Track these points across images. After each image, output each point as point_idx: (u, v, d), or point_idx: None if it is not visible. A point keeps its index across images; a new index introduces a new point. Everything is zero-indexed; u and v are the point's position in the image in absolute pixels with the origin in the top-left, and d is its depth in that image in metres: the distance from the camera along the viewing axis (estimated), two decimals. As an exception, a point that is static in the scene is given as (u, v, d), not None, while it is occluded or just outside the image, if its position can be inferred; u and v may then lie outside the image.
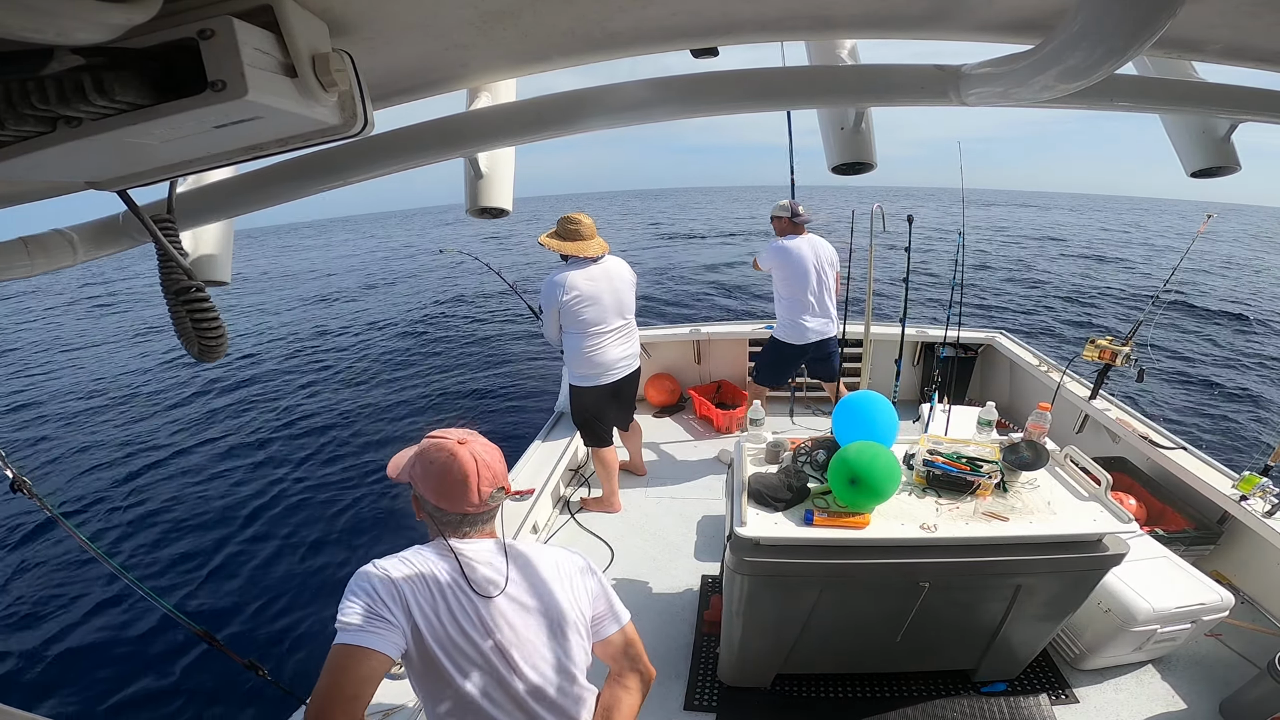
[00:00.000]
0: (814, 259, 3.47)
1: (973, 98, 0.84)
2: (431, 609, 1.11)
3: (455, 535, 1.20)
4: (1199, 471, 2.75)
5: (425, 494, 1.18)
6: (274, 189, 1.05)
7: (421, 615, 1.09)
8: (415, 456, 1.20)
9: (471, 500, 1.17)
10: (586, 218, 2.94)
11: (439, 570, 1.14)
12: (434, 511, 1.19)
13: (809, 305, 3.50)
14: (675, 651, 2.40)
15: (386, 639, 1.03)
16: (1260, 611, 2.47)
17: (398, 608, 1.07)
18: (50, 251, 1.00)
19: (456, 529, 1.20)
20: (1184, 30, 0.85)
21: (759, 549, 1.73)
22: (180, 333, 0.76)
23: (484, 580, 1.17)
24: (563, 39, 0.81)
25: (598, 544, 3.09)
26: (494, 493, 1.19)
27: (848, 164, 1.18)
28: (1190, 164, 1.25)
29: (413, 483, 1.21)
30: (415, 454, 1.21)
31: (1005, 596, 1.84)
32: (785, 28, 0.87)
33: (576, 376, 3.11)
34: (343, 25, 0.64)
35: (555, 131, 0.99)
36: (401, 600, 1.08)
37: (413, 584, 1.11)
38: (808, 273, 3.45)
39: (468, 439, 1.20)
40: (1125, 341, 3.21)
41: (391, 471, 1.25)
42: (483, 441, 1.23)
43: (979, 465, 1.84)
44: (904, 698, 2.17)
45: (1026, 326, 10.36)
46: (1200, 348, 9.33)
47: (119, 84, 0.48)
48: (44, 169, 0.57)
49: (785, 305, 3.58)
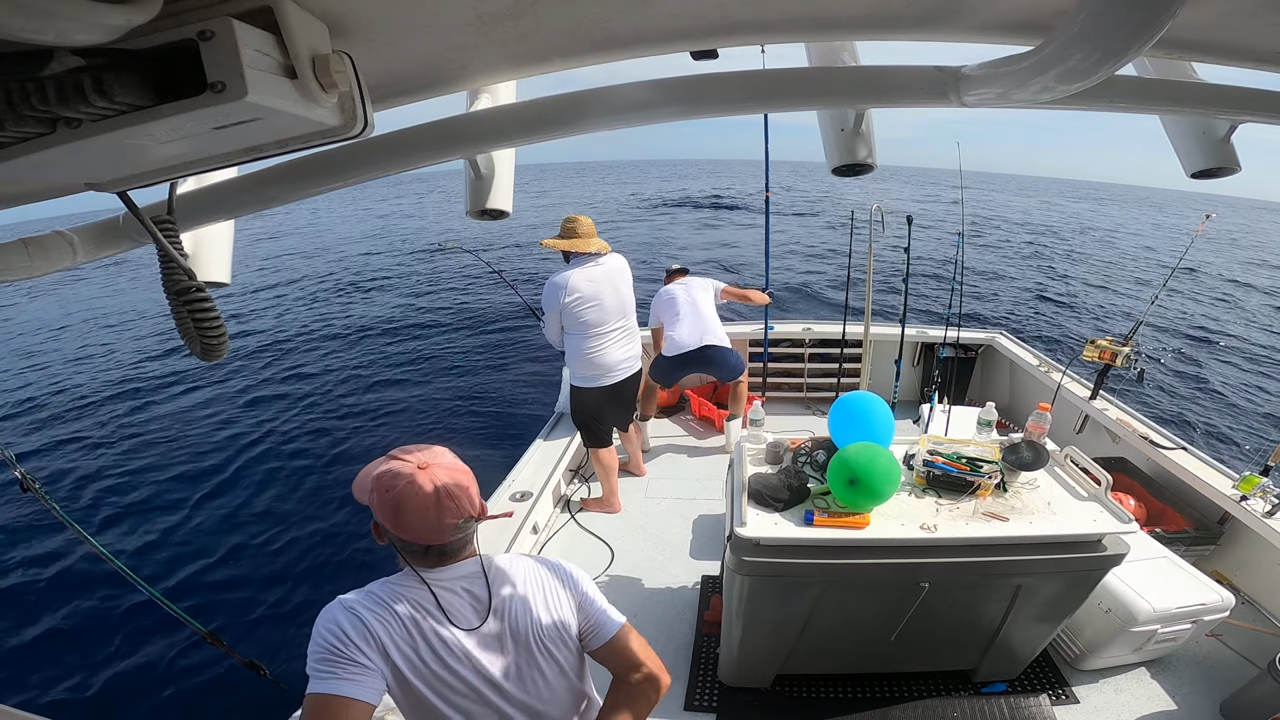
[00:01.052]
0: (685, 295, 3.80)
1: (972, 99, 0.84)
2: (410, 647, 1.04)
3: (423, 565, 1.11)
4: (1199, 472, 2.75)
5: (383, 521, 1.07)
6: (274, 190, 1.05)
7: (400, 655, 1.03)
8: (373, 481, 1.07)
9: (432, 533, 1.06)
10: (585, 218, 3.00)
11: (411, 604, 1.07)
12: (395, 540, 1.09)
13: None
14: (675, 652, 2.40)
15: (364, 685, 0.98)
16: (1260, 612, 2.47)
17: (373, 650, 1.01)
18: (50, 252, 1.00)
19: (423, 559, 1.11)
20: (1184, 31, 0.85)
21: (759, 549, 1.73)
22: (183, 332, 0.76)
23: (462, 610, 1.10)
24: (563, 40, 0.81)
25: (598, 544, 3.09)
26: (459, 524, 1.08)
27: (848, 165, 1.18)
28: (1190, 165, 1.25)
29: (371, 507, 1.09)
30: (374, 477, 1.08)
31: (1005, 597, 1.84)
32: (785, 29, 0.87)
33: (578, 377, 3.12)
34: (343, 26, 0.64)
35: (555, 132, 0.98)
36: (376, 642, 1.02)
37: (386, 624, 1.03)
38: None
39: (429, 462, 1.07)
40: (1125, 342, 3.22)
41: (356, 491, 1.12)
42: (448, 463, 1.10)
43: (979, 465, 1.84)
44: (904, 698, 2.17)
45: (1026, 327, 10.37)
46: (1200, 347, 9.33)
47: (119, 85, 0.48)
48: (44, 170, 0.57)
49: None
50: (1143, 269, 16.34)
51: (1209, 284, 14.09)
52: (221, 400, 8.55)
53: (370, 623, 1.03)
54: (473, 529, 1.14)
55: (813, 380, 4.61)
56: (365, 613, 1.04)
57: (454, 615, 1.09)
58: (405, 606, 1.06)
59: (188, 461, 6.55)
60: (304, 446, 6.68)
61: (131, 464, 6.56)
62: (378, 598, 1.07)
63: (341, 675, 0.97)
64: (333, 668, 0.98)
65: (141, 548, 4.93)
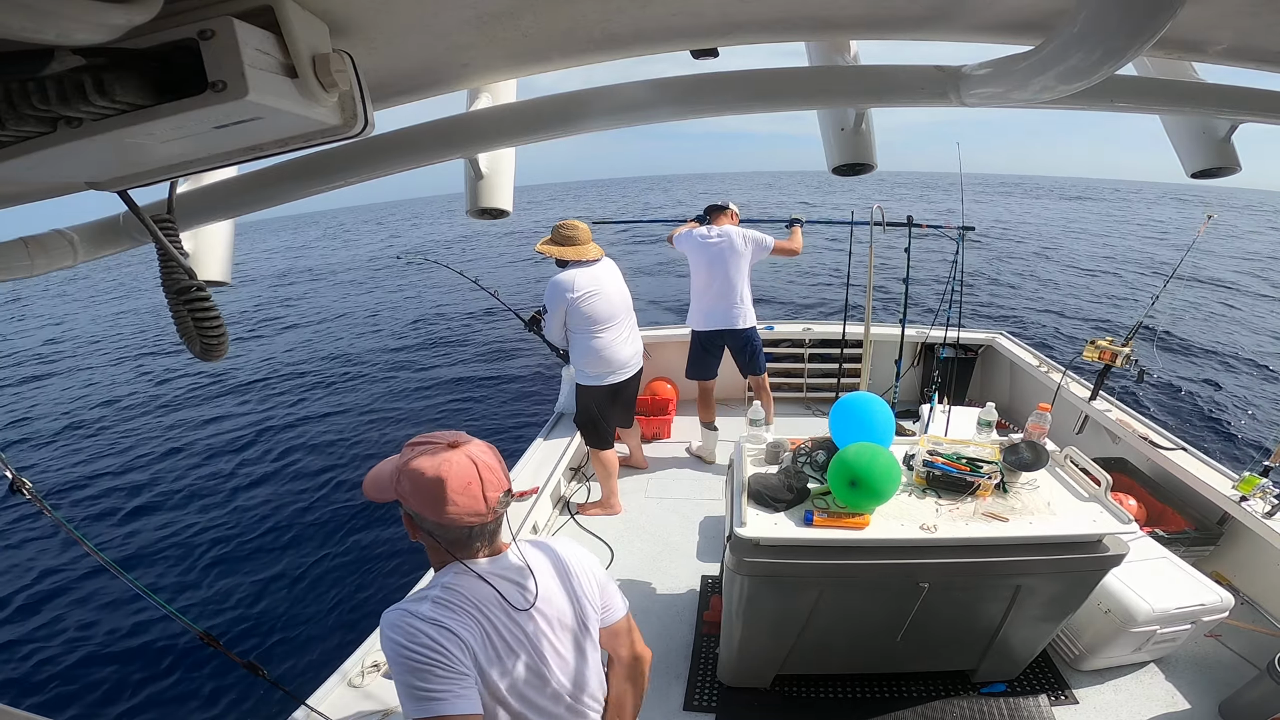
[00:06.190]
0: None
1: (973, 98, 0.84)
2: (491, 647, 1.03)
3: (467, 554, 1.07)
4: (1199, 472, 2.75)
5: (421, 510, 1.02)
6: (274, 189, 1.05)
7: (485, 657, 1.02)
8: (400, 469, 1.03)
9: (478, 510, 1.03)
10: (582, 224, 2.98)
11: (477, 599, 1.04)
12: (435, 529, 1.04)
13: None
14: (675, 652, 2.40)
15: (473, 698, 0.96)
16: (1260, 612, 2.47)
17: (469, 659, 0.99)
18: (50, 251, 1.00)
19: (466, 547, 1.07)
20: (1184, 31, 0.85)
21: (759, 549, 1.73)
22: (182, 332, 0.76)
23: (517, 601, 1.08)
24: (563, 39, 0.81)
25: (598, 544, 3.09)
26: (500, 497, 1.06)
27: (848, 165, 1.17)
28: (1190, 165, 1.25)
29: (403, 500, 1.04)
30: (399, 466, 1.04)
31: (1005, 597, 1.84)
32: (785, 28, 0.87)
33: (585, 375, 3.10)
34: (343, 25, 0.64)
35: (555, 132, 0.98)
36: (469, 650, 0.99)
37: (469, 629, 1.01)
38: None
39: (460, 440, 1.06)
40: (1125, 342, 3.22)
41: (371, 491, 1.08)
42: (477, 441, 1.09)
43: (979, 466, 1.84)
44: (903, 698, 2.17)
45: (1026, 327, 10.37)
46: (1201, 348, 9.33)
47: (119, 84, 0.48)
48: (44, 169, 0.57)
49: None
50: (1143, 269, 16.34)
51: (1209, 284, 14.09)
52: (221, 401, 8.55)
53: (459, 632, 1.00)
54: (508, 506, 1.11)
55: (813, 380, 4.61)
56: (450, 621, 0.99)
57: (514, 602, 1.07)
58: (473, 606, 1.04)
59: (185, 462, 6.55)
60: (303, 447, 6.68)
61: (126, 465, 6.56)
62: (449, 603, 1.02)
63: (457, 693, 0.95)
64: (444, 684, 0.95)
65: (140, 547, 4.93)
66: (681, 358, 4.07)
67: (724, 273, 3.44)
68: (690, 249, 3.52)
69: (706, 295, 3.51)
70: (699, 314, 3.58)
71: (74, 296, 22.74)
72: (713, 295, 3.49)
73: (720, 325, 3.53)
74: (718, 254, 3.43)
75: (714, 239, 3.43)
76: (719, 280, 3.46)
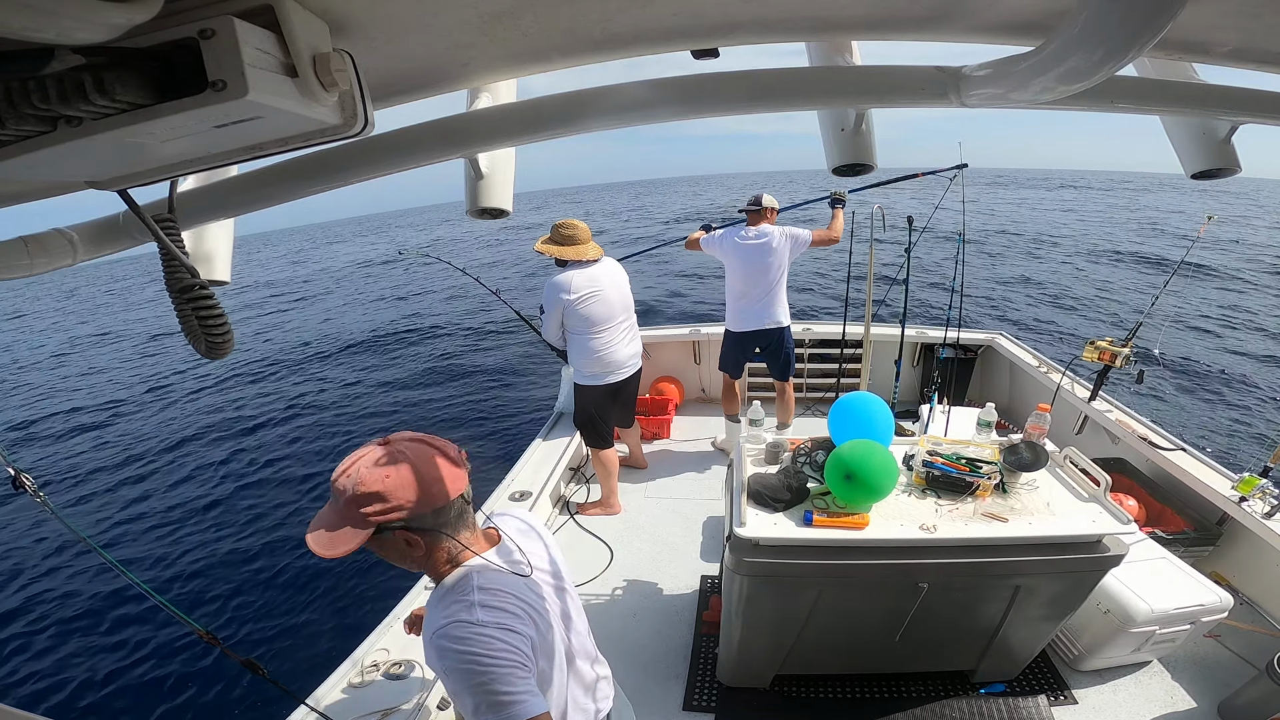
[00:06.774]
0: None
1: (973, 99, 0.84)
2: (538, 633, 1.03)
3: (467, 532, 1.05)
4: (1198, 473, 2.75)
5: (415, 504, 0.96)
6: (274, 189, 1.05)
7: (541, 647, 1.03)
8: (363, 494, 0.93)
9: (458, 479, 1.00)
10: (581, 223, 2.96)
11: (514, 592, 1.03)
12: (434, 518, 0.99)
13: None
14: (674, 652, 2.40)
15: (540, 694, 0.97)
16: (1259, 613, 2.47)
17: (533, 654, 1.00)
18: (50, 251, 1.00)
19: (460, 526, 1.03)
20: (1185, 32, 0.85)
21: (758, 549, 1.73)
22: (187, 331, 0.76)
23: (538, 582, 1.10)
24: (563, 39, 0.81)
25: (598, 544, 3.08)
26: (457, 453, 1.04)
27: (849, 165, 1.18)
28: (1191, 166, 1.25)
29: (386, 516, 0.95)
30: (358, 494, 0.93)
31: (1004, 597, 1.85)
32: (786, 29, 0.87)
33: (583, 375, 3.10)
34: (343, 25, 0.64)
35: (555, 132, 0.99)
36: (532, 646, 1.00)
37: (525, 623, 1.00)
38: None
39: (385, 440, 1.01)
40: (1125, 343, 3.22)
41: (325, 548, 0.94)
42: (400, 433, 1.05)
43: (978, 466, 1.84)
44: (903, 698, 2.17)
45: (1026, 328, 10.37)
46: (1201, 348, 9.33)
47: (120, 83, 0.48)
48: (44, 168, 0.57)
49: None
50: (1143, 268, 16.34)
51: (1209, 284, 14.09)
52: (220, 401, 8.56)
53: (524, 630, 0.99)
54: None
55: (812, 381, 4.61)
56: (511, 622, 0.98)
57: (541, 593, 1.09)
58: (518, 603, 1.02)
59: (188, 460, 6.55)
60: (303, 447, 6.68)
61: (127, 464, 6.56)
62: (499, 606, 0.99)
63: (534, 691, 0.95)
64: (525, 684, 0.94)
65: (142, 545, 4.93)
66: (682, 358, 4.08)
67: (763, 276, 3.42)
68: (727, 252, 3.48)
69: (745, 298, 3.50)
70: (735, 316, 3.58)
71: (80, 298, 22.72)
72: (750, 299, 3.48)
73: (756, 326, 3.54)
74: (757, 256, 3.39)
75: (752, 240, 3.40)
76: (757, 284, 3.44)
